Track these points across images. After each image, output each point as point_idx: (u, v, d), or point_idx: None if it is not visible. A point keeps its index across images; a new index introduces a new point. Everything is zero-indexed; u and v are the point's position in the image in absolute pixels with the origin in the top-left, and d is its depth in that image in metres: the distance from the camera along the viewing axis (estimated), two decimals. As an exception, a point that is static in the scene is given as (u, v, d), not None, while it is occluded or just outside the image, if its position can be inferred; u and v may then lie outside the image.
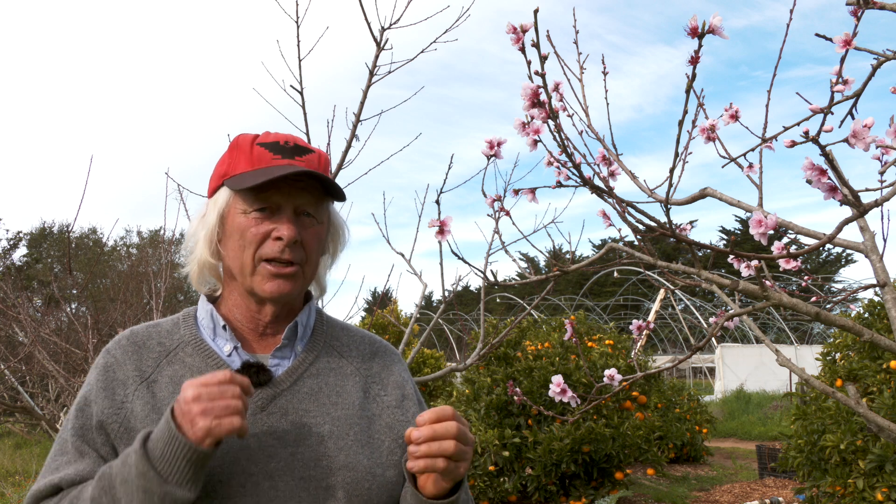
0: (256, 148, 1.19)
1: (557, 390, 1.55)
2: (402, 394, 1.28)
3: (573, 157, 1.39)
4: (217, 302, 1.26)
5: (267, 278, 1.17)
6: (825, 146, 1.04)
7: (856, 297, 5.36)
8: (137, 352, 1.19)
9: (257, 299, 1.20)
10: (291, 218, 1.18)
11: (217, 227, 1.20)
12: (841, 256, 36.41)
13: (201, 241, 1.21)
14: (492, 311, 32.50)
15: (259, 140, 1.21)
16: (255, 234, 1.16)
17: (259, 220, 1.17)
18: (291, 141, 1.22)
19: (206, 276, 1.24)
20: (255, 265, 1.17)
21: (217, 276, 1.24)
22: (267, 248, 1.16)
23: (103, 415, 1.13)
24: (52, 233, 30.56)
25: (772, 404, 14.10)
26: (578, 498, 6.32)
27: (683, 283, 1.57)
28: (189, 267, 1.24)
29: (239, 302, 1.22)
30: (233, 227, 1.18)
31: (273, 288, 1.17)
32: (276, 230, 1.16)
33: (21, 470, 9.43)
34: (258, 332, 1.23)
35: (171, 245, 5.48)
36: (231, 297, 1.23)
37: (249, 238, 1.16)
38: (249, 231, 1.16)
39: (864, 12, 1.29)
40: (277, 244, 1.16)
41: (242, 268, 1.17)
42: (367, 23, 2.50)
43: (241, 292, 1.21)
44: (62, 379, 4.29)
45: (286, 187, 1.17)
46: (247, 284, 1.18)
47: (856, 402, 1.55)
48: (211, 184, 1.24)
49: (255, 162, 1.18)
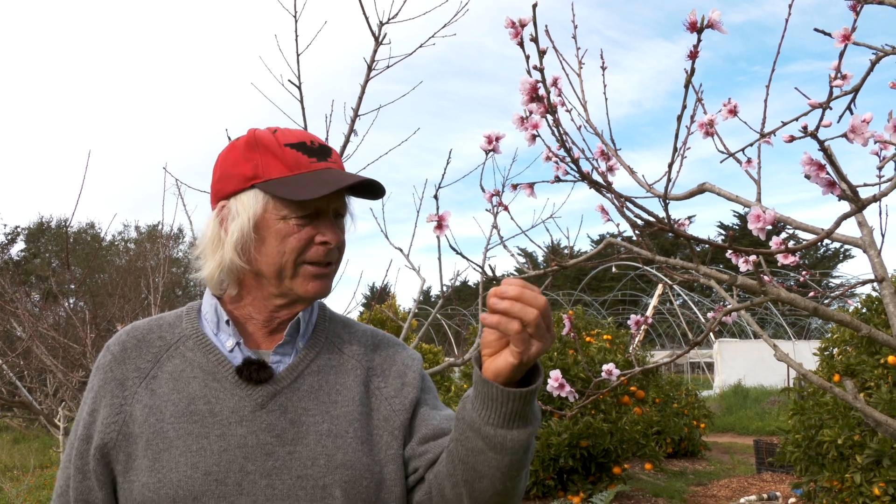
0: (288, 151, 1.16)
1: (556, 385, 1.55)
2: (402, 382, 1.25)
3: (572, 152, 1.39)
4: (222, 297, 1.23)
5: (309, 280, 1.16)
6: (824, 141, 1.04)
7: (854, 293, 5.37)
8: (137, 347, 1.19)
9: (291, 299, 1.19)
10: (332, 222, 1.18)
11: (253, 233, 1.16)
12: (839, 252, 36.44)
13: (229, 245, 1.16)
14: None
15: (284, 140, 1.17)
16: (298, 240, 1.15)
17: (300, 224, 1.15)
18: (316, 141, 1.20)
19: (225, 277, 1.20)
20: (296, 268, 1.16)
21: (236, 278, 1.20)
22: (311, 252, 1.16)
23: (103, 425, 1.13)
24: (50, 227, 30.55)
25: (770, 399, 14.13)
26: (576, 492, 6.33)
27: (682, 279, 1.57)
28: (207, 270, 1.20)
29: (261, 301, 1.20)
30: (269, 233, 1.15)
31: (316, 288, 1.17)
32: (319, 234, 1.16)
33: (19, 464, 9.43)
34: (271, 328, 1.21)
35: (170, 240, 5.48)
36: (248, 297, 1.21)
37: (293, 244, 1.14)
38: (293, 237, 1.15)
39: (863, 7, 1.29)
40: (322, 249, 1.16)
41: (281, 271, 1.15)
42: (366, 17, 2.49)
43: (267, 294, 1.19)
44: (60, 374, 4.29)
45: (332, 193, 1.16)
46: (285, 287, 1.17)
47: (853, 397, 1.55)
48: (230, 184, 1.18)
49: (292, 167, 1.15)
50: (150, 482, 1.08)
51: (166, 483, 1.07)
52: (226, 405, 1.13)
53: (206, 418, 1.11)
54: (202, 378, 1.15)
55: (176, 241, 20.23)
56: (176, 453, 1.09)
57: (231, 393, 1.14)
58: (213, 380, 1.15)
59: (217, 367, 1.16)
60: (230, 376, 1.15)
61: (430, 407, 1.26)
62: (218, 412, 1.12)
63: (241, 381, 1.15)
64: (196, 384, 1.15)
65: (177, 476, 1.07)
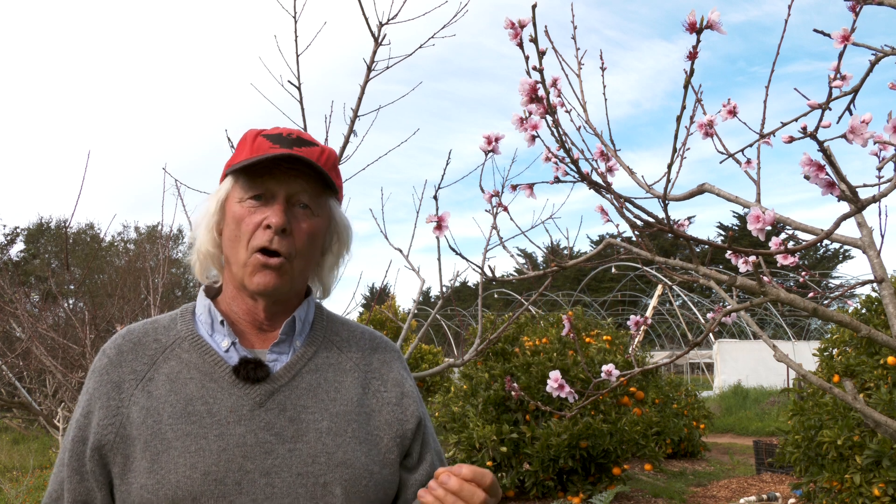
0: (259, 139, 1.20)
1: (555, 386, 1.55)
2: (401, 391, 1.26)
3: (571, 153, 1.39)
4: (217, 297, 1.25)
5: (256, 269, 1.15)
6: (823, 142, 1.04)
7: (853, 293, 5.37)
8: (133, 350, 1.19)
9: (248, 293, 1.19)
10: (283, 206, 1.16)
11: (217, 215, 1.20)
12: (839, 252, 36.45)
13: (202, 229, 1.20)
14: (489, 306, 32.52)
15: (264, 132, 1.22)
16: (248, 224, 1.15)
17: (253, 208, 1.16)
18: (295, 134, 1.21)
19: (209, 266, 1.23)
20: (248, 256, 1.15)
21: (219, 266, 1.24)
22: (258, 237, 1.15)
23: (99, 426, 1.12)
24: (49, 228, 30.54)
25: (769, 400, 14.14)
26: (576, 493, 6.33)
27: (681, 279, 1.57)
28: (192, 257, 1.24)
29: (236, 295, 1.22)
30: (230, 216, 1.18)
31: (259, 280, 1.15)
32: (266, 218, 1.15)
33: (19, 465, 9.43)
34: (256, 326, 1.22)
35: (169, 241, 5.47)
36: (228, 290, 1.23)
37: (244, 228, 1.15)
38: (244, 221, 1.16)
39: (863, 8, 1.29)
40: (267, 233, 1.14)
41: (237, 258, 1.16)
42: (365, 18, 2.49)
43: (237, 285, 1.20)
44: (59, 374, 4.29)
45: (280, 174, 1.16)
46: (239, 277, 1.17)
47: (853, 397, 1.55)
48: (220, 180, 1.25)
49: (254, 150, 1.19)
50: (148, 483, 1.08)
51: (165, 484, 1.07)
52: (224, 405, 1.13)
53: (205, 418, 1.11)
54: (199, 379, 1.15)
55: (175, 242, 20.24)
56: (175, 454, 1.08)
57: (228, 393, 1.14)
58: (210, 380, 1.15)
59: (213, 368, 1.16)
60: (227, 376, 1.15)
61: (430, 438, 1.30)
62: (216, 412, 1.12)
63: (238, 380, 1.15)
64: (193, 385, 1.14)
65: (176, 477, 1.07)
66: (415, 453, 1.26)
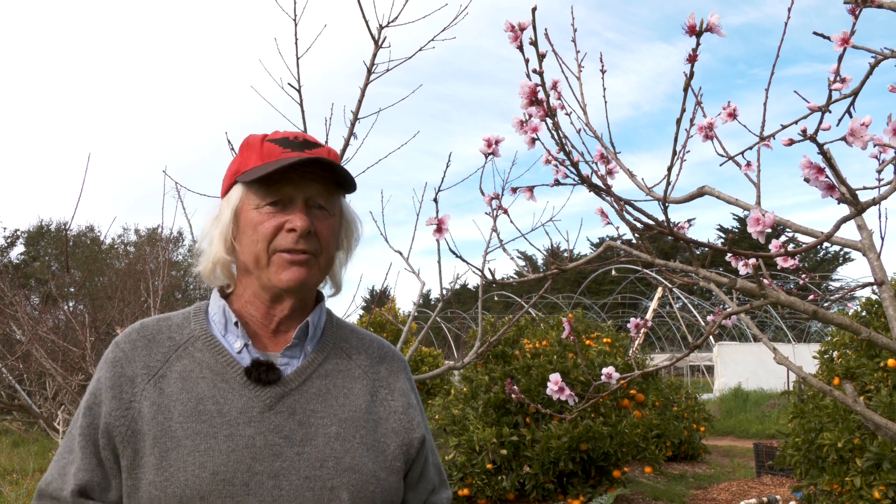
0: (266, 144, 1.20)
1: (555, 388, 1.55)
2: (407, 402, 1.28)
3: (571, 156, 1.39)
4: (229, 298, 1.25)
5: (283, 267, 1.16)
6: (823, 144, 1.04)
7: (853, 296, 5.37)
8: (147, 346, 1.19)
9: (274, 294, 1.20)
10: (303, 209, 1.18)
11: (231, 224, 1.20)
12: (838, 255, 36.43)
13: (216, 238, 1.21)
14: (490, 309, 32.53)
15: (269, 137, 1.22)
16: (268, 228, 1.16)
17: (272, 213, 1.17)
18: (301, 136, 1.22)
19: (219, 273, 1.24)
20: (269, 257, 1.16)
21: (229, 273, 1.24)
22: (281, 239, 1.16)
23: (110, 417, 1.13)
24: (49, 231, 30.52)
25: (769, 402, 14.12)
26: (576, 496, 6.32)
27: (681, 282, 1.57)
28: (202, 265, 1.23)
29: (253, 298, 1.22)
30: (246, 223, 1.18)
31: (290, 276, 1.16)
32: (288, 222, 1.16)
33: (18, 468, 9.42)
34: (271, 328, 1.22)
35: (169, 243, 5.48)
36: (245, 294, 1.23)
37: (263, 232, 1.16)
38: (262, 225, 1.16)
39: (862, 10, 1.29)
40: (291, 235, 1.16)
41: (258, 261, 1.17)
42: (365, 21, 2.50)
43: (257, 288, 1.21)
44: (60, 377, 4.29)
45: (296, 178, 1.17)
46: (263, 278, 1.18)
47: (853, 400, 1.55)
48: (224, 184, 1.25)
49: (265, 156, 1.19)
50: (157, 480, 1.08)
51: (173, 482, 1.07)
52: (234, 406, 1.13)
53: (215, 418, 1.12)
54: (211, 378, 1.16)
55: (175, 245, 20.26)
56: (184, 452, 1.09)
57: (240, 394, 1.15)
58: (222, 380, 1.16)
59: (226, 368, 1.17)
60: (239, 377, 1.16)
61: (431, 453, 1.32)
62: (226, 413, 1.13)
63: (249, 382, 1.16)
64: (205, 384, 1.15)
65: (184, 475, 1.08)
66: (417, 467, 1.27)
